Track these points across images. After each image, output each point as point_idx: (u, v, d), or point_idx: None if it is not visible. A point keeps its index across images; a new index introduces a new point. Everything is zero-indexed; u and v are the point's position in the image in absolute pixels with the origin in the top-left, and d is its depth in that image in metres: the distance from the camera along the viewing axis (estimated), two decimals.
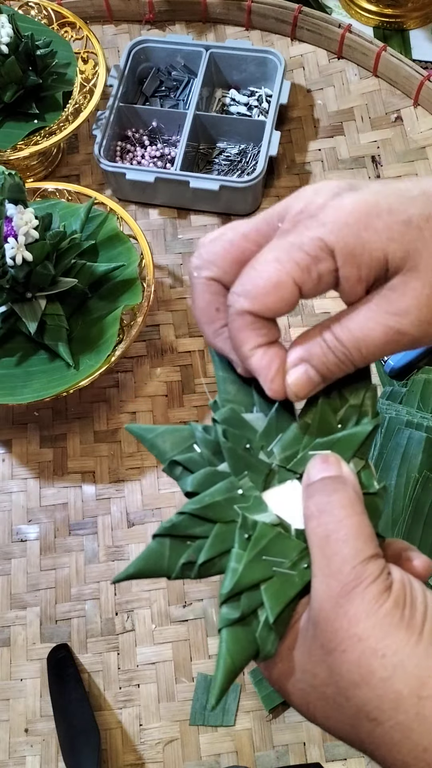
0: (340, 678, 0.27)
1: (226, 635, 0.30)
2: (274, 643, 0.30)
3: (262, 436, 0.32)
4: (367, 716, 0.27)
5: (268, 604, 0.29)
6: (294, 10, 0.88)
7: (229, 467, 0.32)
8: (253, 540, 0.30)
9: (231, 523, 0.31)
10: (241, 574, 0.30)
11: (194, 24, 0.93)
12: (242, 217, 0.82)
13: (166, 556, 0.31)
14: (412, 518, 0.61)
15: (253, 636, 0.30)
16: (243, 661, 0.29)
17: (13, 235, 0.61)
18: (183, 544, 0.31)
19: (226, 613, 0.30)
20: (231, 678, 0.29)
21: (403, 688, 0.26)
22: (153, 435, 0.33)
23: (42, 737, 0.62)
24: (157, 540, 0.31)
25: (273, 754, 0.60)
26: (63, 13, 0.84)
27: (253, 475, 0.32)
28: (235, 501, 0.31)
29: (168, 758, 0.61)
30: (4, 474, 0.72)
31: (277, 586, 0.30)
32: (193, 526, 0.31)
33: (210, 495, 0.31)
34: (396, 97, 0.87)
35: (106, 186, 0.84)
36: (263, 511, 0.31)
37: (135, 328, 0.67)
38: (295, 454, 0.32)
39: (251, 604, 0.30)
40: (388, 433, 0.64)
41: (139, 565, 0.31)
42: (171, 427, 0.33)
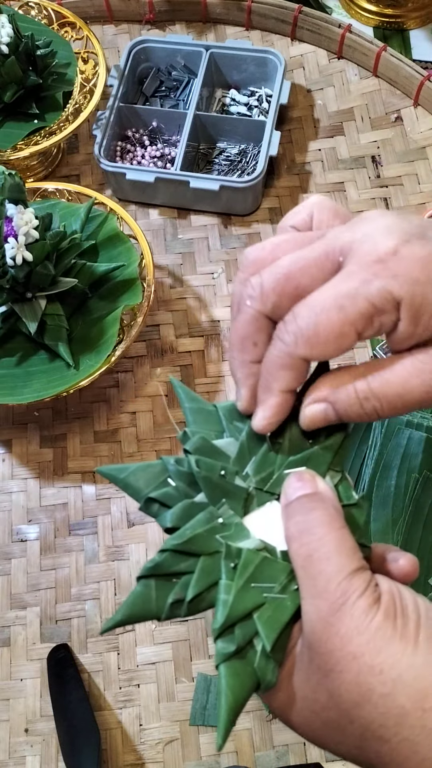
0: (340, 700, 0.27)
1: (225, 670, 0.29)
2: (274, 672, 0.29)
3: (236, 461, 0.32)
4: (373, 735, 0.26)
5: (263, 632, 0.29)
6: (294, 10, 0.88)
7: (207, 497, 0.31)
8: (239, 568, 0.29)
9: (215, 554, 0.30)
10: (231, 605, 0.29)
11: (194, 24, 0.93)
12: (242, 217, 0.82)
13: (153, 598, 0.30)
14: (412, 518, 0.61)
15: (252, 668, 0.29)
16: (245, 695, 0.29)
17: (13, 235, 0.61)
18: (169, 583, 0.30)
19: (221, 647, 0.29)
20: (235, 715, 0.29)
21: (406, 702, 0.26)
22: (125, 475, 0.32)
23: (42, 737, 0.62)
24: (142, 582, 0.30)
25: (273, 754, 0.60)
26: (63, 13, 0.84)
27: (231, 502, 0.31)
28: (216, 531, 0.30)
29: (168, 758, 0.61)
30: (4, 474, 0.72)
31: (269, 613, 0.29)
32: (177, 563, 0.30)
33: (191, 528, 0.30)
34: (396, 97, 0.87)
35: (106, 186, 0.84)
36: (246, 538, 0.30)
37: (135, 328, 0.67)
38: (271, 475, 0.31)
39: (246, 634, 0.29)
40: (388, 433, 0.64)
41: (127, 610, 0.30)
42: (142, 464, 0.32)
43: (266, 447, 0.32)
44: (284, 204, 0.83)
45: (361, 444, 0.67)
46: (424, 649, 0.26)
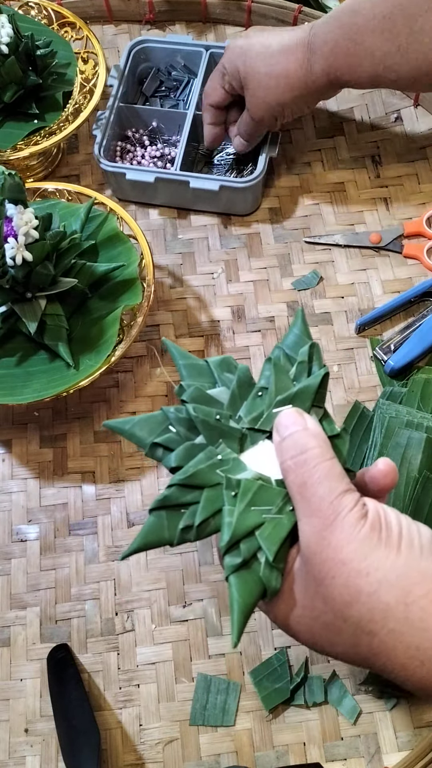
0: (333, 603, 0.30)
1: (234, 580, 0.32)
2: (277, 579, 0.33)
3: (228, 407, 0.36)
4: (363, 630, 0.30)
5: (265, 545, 0.32)
6: (294, 10, 0.88)
7: (205, 438, 0.35)
8: (240, 494, 0.33)
9: (217, 486, 0.33)
10: (235, 524, 0.32)
11: (194, 24, 0.93)
12: (242, 217, 0.82)
13: (165, 526, 0.33)
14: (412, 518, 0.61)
15: (257, 576, 0.32)
16: (253, 599, 0.32)
17: (13, 235, 0.61)
18: (178, 513, 0.33)
19: (229, 561, 0.32)
20: (246, 616, 0.32)
21: (390, 599, 0.29)
22: (130, 426, 0.35)
23: (42, 737, 0.62)
24: (154, 513, 0.33)
25: (273, 754, 0.60)
26: (63, 13, 0.84)
27: (228, 442, 0.35)
28: (216, 466, 0.34)
29: (168, 758, 0.61)
30: (4, 474, 0.72)
31: (269, 530, 0.33)
32: (184, 495, 0.33)
33: (193, 465, 0.34)
34: (396, 97, 0.87)
35: (106, 186, 0.84)
36: (244, 470, 0.34)
37: (135, 328, 0.67)
38: (261, 415, 0.35)
39: (250, 548, 0.32)
40: (388, 433, 0.64)
41: (143, 538, 0.33)
42: (145, 415, 0.36)
43: (255, 392, 0.36)
44: (284, 204, 0.83)
45: (361, 444, 0.67)
46: (406, 555, 0.30)
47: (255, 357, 0.75)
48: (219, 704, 0.62)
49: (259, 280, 0.79)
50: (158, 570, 0.67)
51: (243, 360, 0.75)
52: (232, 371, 0.37)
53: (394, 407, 0.66)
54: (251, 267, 0.80)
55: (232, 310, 0.78)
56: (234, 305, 0.78)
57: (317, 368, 0.36)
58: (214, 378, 0.36)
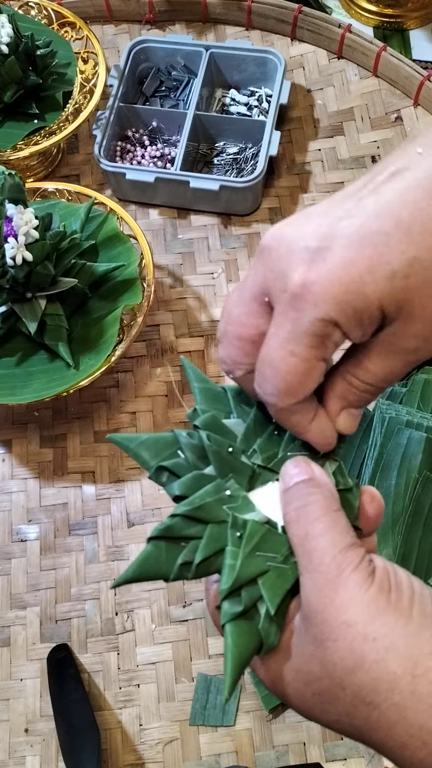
0: (333, 668, 0.28)
1: (231, 629, 0.30)
2: (276, 634, 0.31)
3: (243, 441, 0.34)
4: (363, 701, 0.27)
5: (267, 596, 0.30)
6: (294, 10, 0.88)
7: (215, 470, 0.33)
8: (246, 537, 0.31)
9: (222, 523, 0.32)
10: (239, 569, 0.31)
11: (194, 24, 0.93)
12: (242, 217, 0.82)
13: (163, 559, 0.31)
14: (412, 518, 0.61)
15: (255, 629, 0.31)
16: (249, 652, 0.30)
17: (13, 235, 0.61)
18: (178, 546, 0.31)
19: (228, 608, 0.31)
20: (241, 669, 0.30)
21: (397, 668, 0.27)
22: (136, 444, 0.33)
23: (42, 737, 0.62)
24: (153, 543, 0.31)
25: (273, 754, 0.60)
26: (63, 13, 0.84)
27: (238, 477, 0.33)
28: (224, 502, 0.32)
29: (168, 758, 0.61)
30: (4, 474, 0.72)
31: (273, 579, 0.31)
32: (187, 527, 0.31)
33: (200, 497, 0.32)
34: (396, 97, 0.87)
35: (106, 186, 0.84)
36: (252, 510, 0.32)
37: (135, 328, 0.67)
38: (275, 455, 0.33)
39: (251, 597, 0.31)
40: (388, 433, 0.64)
41: (139, 568, 0.31)
42: (154, 435, 0.34)
43: (271, 429, 0.34)
44: (284, 204, 0.83)
45: (361, 444, 0.67)
46: (417, 622, 0.27)
47: None
48: (219, 704, 0.62)
49: None
50: None
51: None
52: (250, 404, 0.35)
53: (394, 407, 0.66)
54: None
55: None
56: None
57: None
58: (230, 407, 0.35)
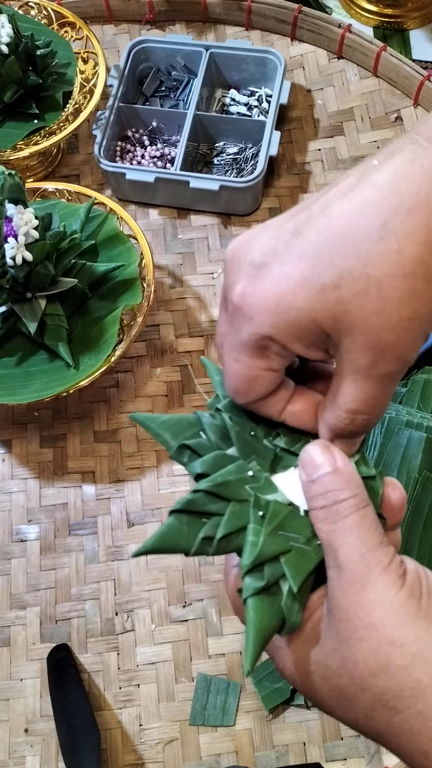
0: (354, 667, 0.27)
1: (253, 604, 0.30)
2: (298, 614, 0.30)
3: (264, 425, 0.33)
4: (385, 705, 0.27)
5: (290, 574, 0.30)
6: (294, 10, 0.88)
7: (238, 451, 0.33)
8: (269, 516, 0.31)
9: (244, 502, 0.31)
10: (262, 545, 0.30)
11: (194, 24, 0.93)
12: (242, 217, 0.82)
13: (185, 532, 0.31)
14: (412, 518, 0.61)
15: (278, 605, 0.30)
16: (272, 628, 0.30)
17: (13, 235, 0.61)
18: (199, 521, 0.31)
19: (250, 582, 0.30)
20: (263, 643, 0.30)
21: (424, 677, 0.26)
22: (157, 423, 0.33)
23: (42, 737, 0.62)
24: (175, 516, 0.31)
25: (273, 754, 0.60)
26: (63, 13, 0.84)
27: (260, 460, 0.33)
28: (246, 482, 0.32)
29: (168, 758, 0.61)
30: (4, 474, 0.72)
31: (296, 559, 0.30)
32: (209, 503, 0.31)
33: (222, 475, 0.32)
34: (396, 97, 0.87)
35: (106, 186, 0.84)
36: (274, 491, 0.32)
37: (135, 328, 0.67)
38: (299, 439, 0.33)
39: (274, 574, 0.30)
40: (388, 433, 0.64)
41: (160, 539, 0.31)
42: (176, 415, 0.34)
43: None
44: (284, 204, 0.83)
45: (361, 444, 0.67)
46: None
47: None
48: (219, 704, 0.62)
49: None
50: (158, 570, 0.67)
51: None
52: None
53: (394, 407, 0.66)
54: None
55: None
56: None
57: None
58: None
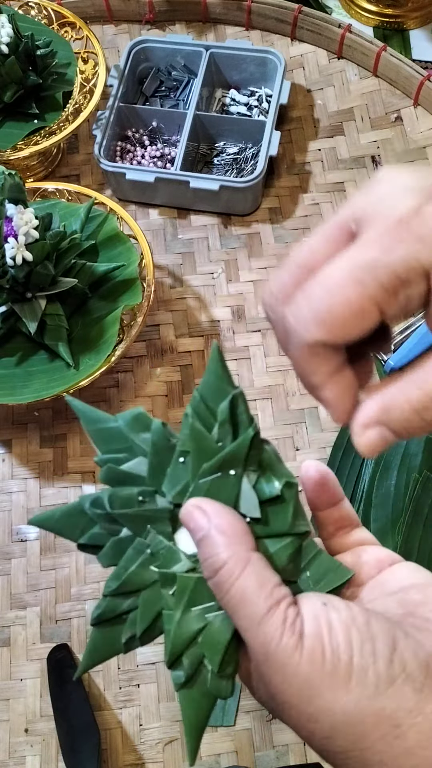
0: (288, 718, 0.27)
1: (182, 697, 0.29)
2: (227, 686, 0.29)
3: (150, 479, 0.31)
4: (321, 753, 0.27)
5: (208, 655, 0.29)
6: (294, 10, 0.88)
7: (130, 530, 0.31)
8: (177, 594, 0.29)
9: (154, 584, 0.30)
10: (174, 636, 0.29)
11: (194, 24, 0.93)
12: (242, 217, 0.82)
13: (110, 639, 0.31)
14: (412, 518, 0.61)
15: (205, 688, 0.29)
16: (204, 716, 0.29)
17: (13, 235, 0.61)
18: (120, 621, 0.30)
19: (175, 677, 0.29)
20: (199, 735, 0.29)
21: (346, 744, 0.25)
22: (52, 523, 0.32)
23: (42, 737, 0.62)
24: (95, 629, 0.31)
25: (273, 754, 0.60)
26: (63, 13, 0.84)
27: (157, 526, 0.30)
28: (149, 562, 0.30)
29: (168, 758, 0.61)
30: (4, 474, 0.72)
31: (212, 634, 0.29)
32: (120, 604, 0.30)
33: (122, 567, 0.30)
34: (396, 97, 0.87)
35: (106, 186, 0.84)
36: (178, 561, 0.30)
37: (135, 328, 0.67)
38: (187, 487, 0.30)
39: (194, 661, 0.29)
40: None
41: (90, 657, 0.31)
42: (65, 509, 0.32)
43: (176, 456, 0.30)
44: (284, 204, 0.83)
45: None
46: (357, 694, 0.25)
47: (255, 357, 0.75)
48: (219, 704, 0.62)
49: (259, 280, 0.79)
50: None
51: (243, 360, 0.75)
52: (148, 430, 0.31)
53: None
54: (251, 267, 0.80)
55: (232, 310, 0.78)
56: (234, 305, 0.78)
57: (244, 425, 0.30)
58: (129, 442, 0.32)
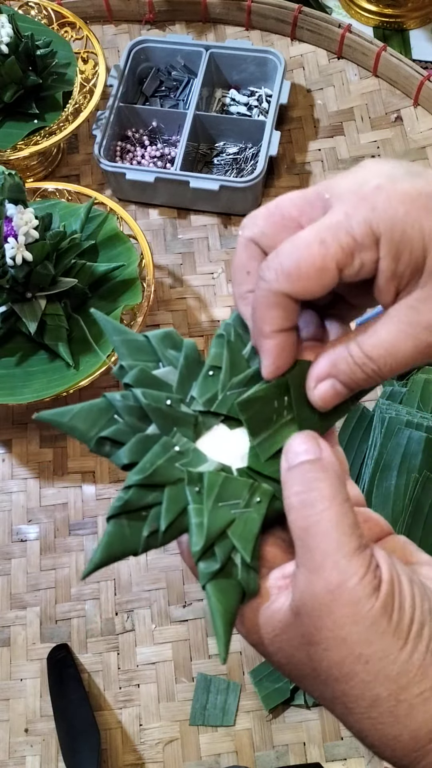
0: (319, 668, 0.27)
1: (212, 588, 0.29)
2: (255, 581, 0.30)
3: (178, 389, 0.32)
4: (343, 704, 0.27)
5: (241, 545, 0.30)
6: (294, 10, 0.88)
7: (158, 427, 0.31)
8: (205, 491, 0.30)
9: (179, 482, 0.30)
10: (207, 526, 0.30)
11: (194, 24, 0.93)
12: (242, 217, 0.82)
13: (128, 534, 0.30)
14: (412, 518, 0.61)
15: (235, 580, 0.30)
16: (234, 606, 0.30)
17: (13, 235, 0.61)
18: (139, 517, 0.30)
19: (205, 568, 0.29)
20: (231, 625, 0.30)
21: (383, 692, 0.26)
22: (68, 418, 0.31)
23: (42, 737, 0.62)
24: (113, 522, 0.30)
25: (273, 754, 0.60)
26: (63, 13, 0.84)
27: (182, 429, 0.31)
28: (175, 459, 0.31)
29: (168, 758, 0.61)
30: (4, 474, 0.72)
31: (242, 527, 0.30)
32: (145, 497, 0.30)
33: (149, 461, 0.30)
34: (396, 97, 0.87)
35: (106, 186, 0.84)
36: (204, 461, 0.31)
37: (135, 328, 0.67)
38: (215, 397, 0.32)
39: (225, 550, 0.30)
40: (388, 433, 0.64)
41: (105, 551, 0.30)
42: (86, 404, 0.32)
43: (206, 370, 0.32)
44: None
45: (361, 444, 0.67)
46: (411, 648, 0.26)
47: None
48: (219, 704, 0.62)
49: None
50: (158, 570, 0.67)
51: None
52: (177, 347, 0.33)
53: (394, 407, 0.66)
54: None
55: (232, 310, 0.78)
56: (234, 305, 0.78)
57: None
58: (157, 356, 0.33)
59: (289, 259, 0.28)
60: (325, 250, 0.27)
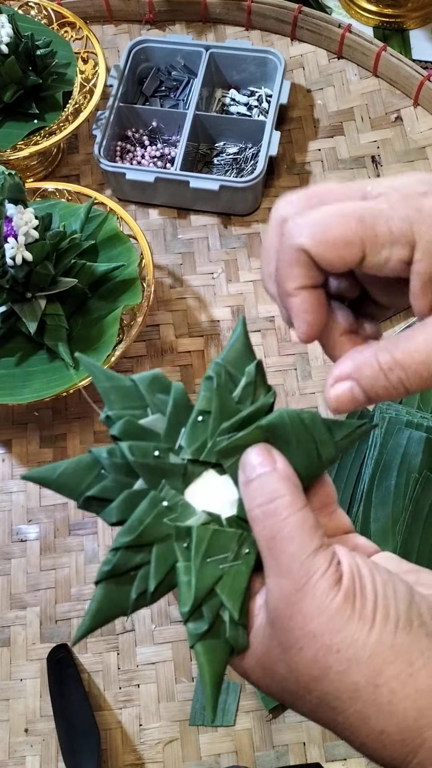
0: (299, 674, 0.28)
1: (201, 649, 0.29)
2: (244, 636, 0.30)
3: (166, 437, 0.31)
4: (328, 705, 0.28)
5: (229, 603, 0.29)
6: (294, 10, 0.88)
7: (146, 483, 0.31)
8: (194, 547, 0.30)
9: (167, 538, 0.30)
10: (196, 585, 0.29)
11: (194, 24, 0.93)
12: (242, 217, 0.82)
13: (116, 598, 0.30)
14: (412, 518, 0.61)
15: (223, 638, 0.30)
16: (222, 666, 0.30)
17: (13, 235, 0.61)
18: (128, 579, 0.30)
19: (193, 628, 0.29)
20: (219, 686, 0.30)
21: (360, 679, 0.27)
22: (56, 476, 0.31)
23: (42, 737, 0.62)
24: (102, 586, 0.30)
25: (273, 754, 0.60)
26: (63, 13, 0.84)
27: (171, 481, 0.31)
28: (163, 515, 0.30)
29: (168, 758, 0.61)
30: (4, 474, 0.72)
31: (230, 583, 0.30)
32: (132, 558, 0.30)
33: (137, 520, 0.30)
34: (396, 97, 0.87)
35: (106, 186, 0.84)
36: (192, 515, 0.30)
37: (135, 328, 0.67)
38: (204, 445, 0.31)
39: (213, 609, 0.30)
40: (388, 433, 0.64)
41: (93, 618, 0.30)
42: (72, 461, 0.31)
43: (195, 416, 0.31)
44: None
45: (361, 444, 0.67)
46: (379, 629, 0.27)
47: None
48: (219, 704, 0.62)
49: (259, 280, 0.79)
50: None
51: None
52: (165, 391, 0.32)
53: (394, 407, 0.66)
54: (251, 267, 0.80)
55: (232, 310, 0.78)
56: (234, 305, 0.78)
57: (263, 391, 0.32)
58: (145, 401, 0.32)
59: (320, 220, 0.28)
60: (359, 226, 0.27)
